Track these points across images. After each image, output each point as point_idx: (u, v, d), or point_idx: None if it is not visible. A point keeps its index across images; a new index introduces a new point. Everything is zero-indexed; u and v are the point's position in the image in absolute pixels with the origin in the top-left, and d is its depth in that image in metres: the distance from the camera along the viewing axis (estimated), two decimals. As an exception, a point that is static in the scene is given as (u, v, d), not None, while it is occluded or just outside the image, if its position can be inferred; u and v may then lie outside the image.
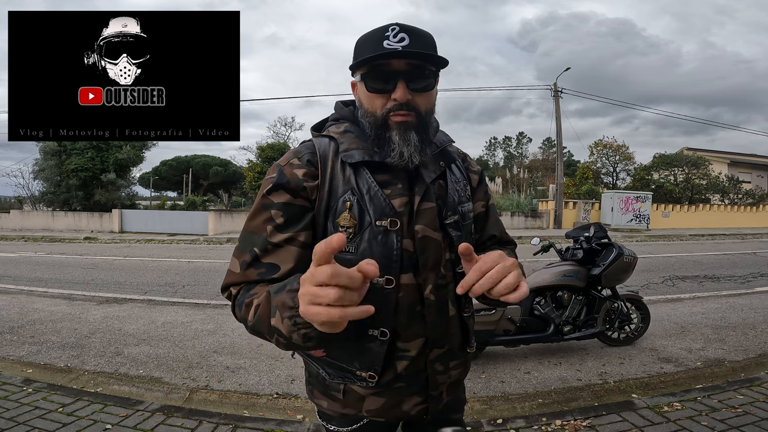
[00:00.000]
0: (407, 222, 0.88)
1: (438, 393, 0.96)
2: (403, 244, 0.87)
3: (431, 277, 0.89)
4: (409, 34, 0.84)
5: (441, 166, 0.95)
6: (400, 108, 0.85)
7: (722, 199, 22.64)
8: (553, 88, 18.08)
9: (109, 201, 18.18)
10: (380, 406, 0.93)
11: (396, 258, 0.86)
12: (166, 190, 36.52)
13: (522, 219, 17.36)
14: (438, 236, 0.90)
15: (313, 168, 0.88)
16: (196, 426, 2.35)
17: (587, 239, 3.63)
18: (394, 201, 0.87)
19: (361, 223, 0.86)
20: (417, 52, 0.83)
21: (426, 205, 0.90)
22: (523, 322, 3.34)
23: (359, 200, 0.86)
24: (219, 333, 4.05)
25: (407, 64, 0.84)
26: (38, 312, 4.74)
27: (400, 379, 0.91)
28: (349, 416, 0.97)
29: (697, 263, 8.32)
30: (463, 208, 0.96)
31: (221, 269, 7.68)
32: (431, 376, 0.94)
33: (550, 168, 30.69)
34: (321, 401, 1.00)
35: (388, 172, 0.89)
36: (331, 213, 0.87)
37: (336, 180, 0.88)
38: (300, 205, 0.86)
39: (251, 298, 0.79)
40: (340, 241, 0.54)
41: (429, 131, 0.92)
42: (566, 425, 2.36)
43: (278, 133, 28.56)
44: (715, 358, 3.41)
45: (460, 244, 0.71)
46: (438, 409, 0.99)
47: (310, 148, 0.92)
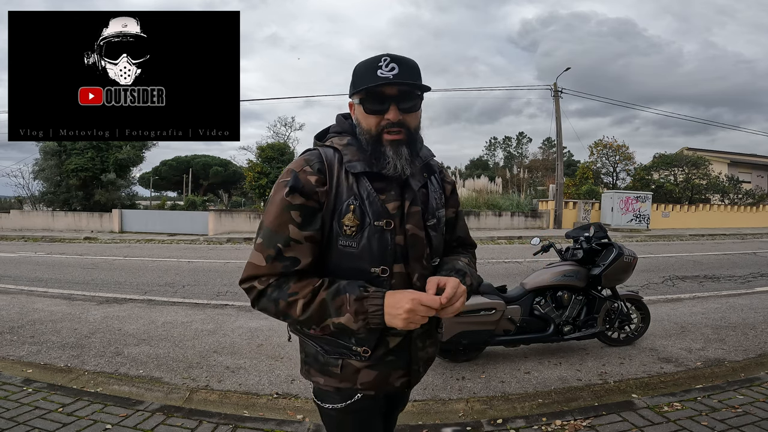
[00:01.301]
0: (399, 222, 1.07)
1: (417, 368, 1.17)
2: (395, 240, 1.05)
3: (417, 267, 1.09)
4: (398, 64, 1.01)
5: (425, 177, 1.15)
6: (392, 126, 1.03)
7: (722, 199, 22.63)
8: (553, 88, 18.07)
9: (109, 201, 18.18)
10: (372, 379, 1.10)
11: (390, 252, 1.05)
12: (166, 190, 36.54)
13: (522, 219, 17.35)
14: (422, 234, 1.10)
15: (322, 176, 1.03)
16: (196, 426, 2.34)
17: (587, 239, 3.63)
18: (388, 205, 1.06)
19: (362, 223, 1.03)
20: (404, 82, 1.01)
21: (414, 208, 1.09)
22: (523, 322, 3.35)
23: (360, 204, 1.03)
24: (219, 333, 4.05)
25: (398, 90, 1.02)
26: (38, 312, 4.74)
27: (391, 353, 1.10)
28: (343, 391, 1.12)
29: (697, 263, 8.32)
30: (439, 213, 1.16)
31: (221, 269, 7.68)
32: (413, 352, 1.14)
33: (550, 168, 30.69)
34: (317, 378, 1.14)
35: (383, 181, 1.07)
36: (336, 214, 1.03)
37: (341, 186, 1.04)
38: (312, 206, 1.02)
39: (294, 298, 0.99)
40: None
41: (416, 146, 1.10)
42: (566, 425, 2.36)
43: (278, 133, 28.53)
44: (715, 358, 3.41)
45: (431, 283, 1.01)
46: (417, 381, 1.19)
47: (318, 157, 1.06)
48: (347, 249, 1.03)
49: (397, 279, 1.05)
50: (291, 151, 19.67)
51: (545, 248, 3.74)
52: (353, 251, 1.03)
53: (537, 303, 3.42)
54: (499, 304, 3.20)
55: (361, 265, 1.04)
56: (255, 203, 20.54)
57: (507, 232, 15.29)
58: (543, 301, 3.42)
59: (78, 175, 17.84)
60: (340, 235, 1.03)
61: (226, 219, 15.77)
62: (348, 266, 1.04)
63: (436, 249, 1.15)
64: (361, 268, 1.04)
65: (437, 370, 3.22)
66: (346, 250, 1.03)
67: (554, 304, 3.44)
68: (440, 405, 2.69)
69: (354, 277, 1.03)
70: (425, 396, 2.83)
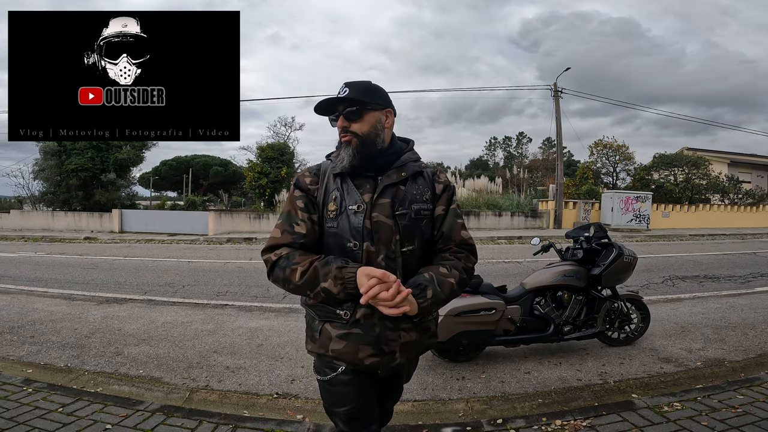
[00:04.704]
0: (369, 209, 1.32)
1: (390, 350, 1.34)
2: (365, 223, 1.31)
3: (383, 249, 1.31)
4: (349, 86, 1.35)
5: (402, 176, 1.37)
6: (342, 132, 1.36)
7: (722, 199, 22.62)
8: (553, 88, 18.07)
9: (109, 201, 18.18)
10: (341, 348, 1.33)
11: (360, 231, 1.30)
12: (166, 190, 36.54)
13: (522, 219, 17.34)
14: (390, 222, 1.33)
15: (316, 178, 1.40)
16: (196, 426, 2.34)
17: (587, 239, 3.62)
18: (364, 196, 1.34)
19: (340, 208, 1.33)
20: (347, 98, 1.33)
21: (382, 200, 1.34)
22: (523, 322, 3.35)
23: (341, 194, 1.35)
24: (219, 333, 4.05)
25: (345, 107, 1.35)
26: (38, 312, 4.74)
27: (357, 324, 1.32)
28: (324, 360, 1.38)
29: (697, 263, 8.32)
30: (414, 206, 1.36)
31: (221, 269, 7.68)
32: (381, 331, 1.32)
33: (550, 168, 30.69)
34: (308, 345, 1.44)
35: (361, 179, 1.37)
36: (325, 204, 1.36)
37: (329, 185, 1.38)
38: (310, 198, 1.38)
39: (295, 266, 1.26)
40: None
41: (370, 147, 1.35)
42: (566, 425, 2.36)
43: (278, 133, 28.51)
44: (715, 358, 3.41)
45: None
46: (391, 366, 1.37)
47: (316, 167, 1.44)
48: (331, 229, 1.33)
49: (365, 255, 1.30)
50: (291, 151, 19.68)
51: (545, 248, 3.74)
52: (335, 230, 1.33)
53: (537, 303, 3.41)
54: (499, 304, 3.20)
55: (340, 240, 1.31)
56: (255, 203, 20.53)
57: (507, 232, 15.28)
58: (543, 301, 3.42)
59: (78, 175, 17.84)
60: (327, 219, 1.34)
61: (226, 219, 15.77)
62: (333, 242, 1.33)
63: (407, 236, 1.35)
64: (341, 243, 1.31)
65: (437, 370, 3.22)
66: (330, 230, 1.34)
67: (554, 304, 3.44)
68: (440, 405, 2.69)
69: (337, 249, 1.31)
70: (425, 396, 2.83)
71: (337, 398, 1.39)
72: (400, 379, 1.61)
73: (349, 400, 1.38)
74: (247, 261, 8.70)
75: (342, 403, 1.38)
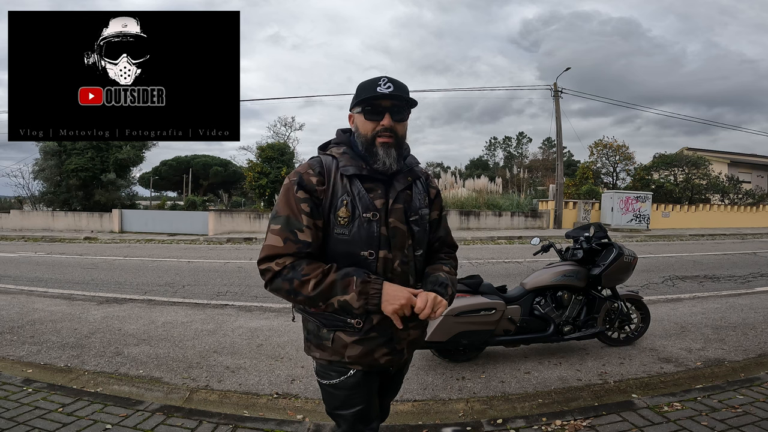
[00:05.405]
0: (384, 216, 1.28)
1: (400, 348, 1.35)
2: (380, 230, 1.26)
3: (398, 254, 1.29)
4: (393, 83, 1.27)
5: (408, 180, 1.36)
6: (385, 131, 1.27)
7: (722, 199, 22.62)
8: (553, 88, 18.08)
9: (109, 201, 18.18)
10: (359, 353, 1.30)
11: (375, 239, 1.26)
12: (166, 190, 36.51)
13: (522, 219, 17.34)
14: (404, 228, 1.31)
15: (321, 177, 1.27)
16: (196, 426, 2.34)
17: (587, 239, 3.62)
18: (375, 201, 1.28)
19: (353, 215, 1.25)
20: (397, 95, 1.26)
21: (396, 205, 1.31)
22: (523, 322, 3.34)
23: (352, 200, 1.26)
24: (219, 333, 4.05)
25: (392, 103, 1.27)
26: (38, 312, 4.74)
27: (374, 329, 1.29)
28: (335, 365, 1.33)
29: (697, 263, 8.32)
30: (421, 212, 1.37)
31: (221, 269, 7.68)
32: (395, 332, 1.30)
33: (550, 168, 30.70)
34: (315, 353, 1.37)
35: (372, 182, 1.29)
36: (332, 208, 1.25)
37: (337, 186, 1.27)
38: (315, 201, 1.25)
39: (307, 278, 1.18)
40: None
41: (402, 150, 1.34)
42: (566, 425, 2.36)
43: (278, 133, 28.57)
44: (715, 358, 3.41)
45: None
46: (400, 362, 1.38)
47: (319, 163, 1.30)
48: (341, 237, 1.25)
49: (381, 262, 1.26)
50: (291, 151, 19.68)
51: (545, 248, 3.74)
52: (346, 238, 1.25)
53: (537, 303, 3.41)
54: (499, 304, 3.20)
55: (353, 249, 1.25)
56: (255, 203, 20.54)
57: (507, 232, 15.29)
58: (543, 301, 3.42)
59: (78, 175, 17.85)
60: (336, 225, 1.25)
61: (226, 219, 15.77)
62: (342, 250, 1.25)
63: (419, 241, 1.36)
64: (353, 252, 1.25)
65: (437, 370, 3.22)
66: (340, 237, 1.25)
67: (554, 304, 3.44)
68: (440, 405, 2.69)
69: (347, 259, 1.24)
70: (425, 396, 2.83)
71: (344, 400, 1.36)
72: (402, 375, 1.62)
73: (357, 402, 1.36)
74: (247, 261, 8.70)
75: (349, 405, 1.36)
